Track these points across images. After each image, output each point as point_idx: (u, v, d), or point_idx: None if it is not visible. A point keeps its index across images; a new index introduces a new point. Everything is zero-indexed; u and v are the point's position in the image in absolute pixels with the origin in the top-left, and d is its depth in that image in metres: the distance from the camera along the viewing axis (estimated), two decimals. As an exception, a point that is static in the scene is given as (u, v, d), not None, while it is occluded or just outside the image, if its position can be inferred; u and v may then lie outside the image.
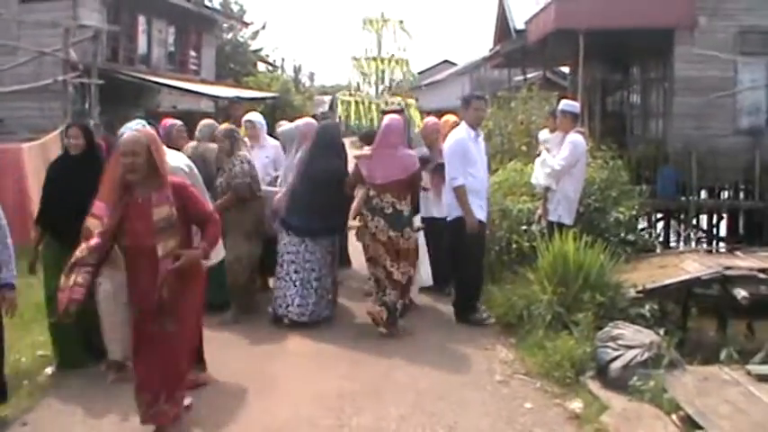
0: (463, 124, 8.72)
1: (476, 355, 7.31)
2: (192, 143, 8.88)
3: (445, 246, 8.79)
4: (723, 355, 6.96)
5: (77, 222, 5.93)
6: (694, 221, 17.68)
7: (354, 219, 8.69)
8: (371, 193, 8.02)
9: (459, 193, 8.30)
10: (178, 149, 7.61)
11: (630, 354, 6.46)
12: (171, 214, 4.94)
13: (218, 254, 6.70)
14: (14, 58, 15.28)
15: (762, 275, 9.30)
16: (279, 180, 9.07)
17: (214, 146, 8.59)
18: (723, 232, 18.90)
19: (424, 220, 9.55)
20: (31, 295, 7.60)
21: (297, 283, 8.12)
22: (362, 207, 8.21)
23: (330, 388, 6.44)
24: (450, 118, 10.01)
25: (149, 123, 6.38)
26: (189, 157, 7.20)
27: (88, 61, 14.98)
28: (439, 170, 9.02)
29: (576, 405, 6.11)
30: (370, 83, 10.67)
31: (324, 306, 8.30)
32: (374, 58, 10.55)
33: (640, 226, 14.87)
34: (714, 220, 18.89)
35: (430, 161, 9.32)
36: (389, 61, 10.58)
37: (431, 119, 10.20)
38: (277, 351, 7.46)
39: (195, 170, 6.73)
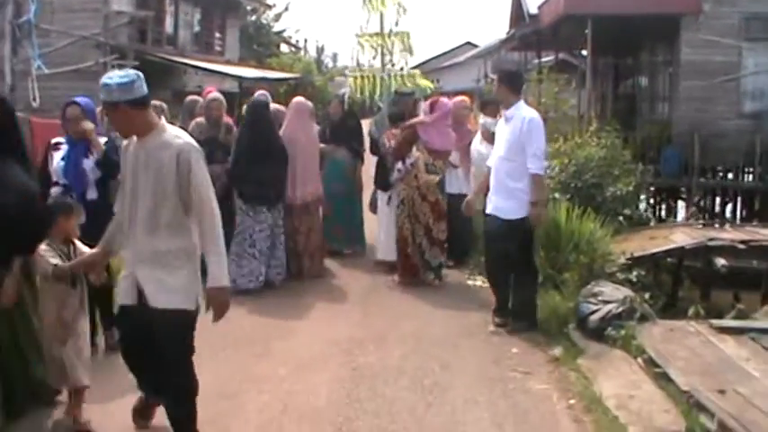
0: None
1: (473, 311, 8.14)
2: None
3: (498, 249, 7.67)
4: (691, 311, 7.80)
5: None
6: (696, 200, 18.41)
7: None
8: (427, 157, 9.09)
9: (540, 180, 7.47)
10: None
11: (607, 308, 7.28)
12: None
13: None
14: (48, 40, 16.16)
15: (741, 246, 10.09)
16: None
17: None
18: (724, 211, 19.62)
19: (450, 195, 9.48)
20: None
21: (254, 253, 8.77)
22: (417, 168, 9.13)
23: (341, 334, 7.34)
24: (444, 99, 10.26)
25: None
26: None
27: (122, 43, 15.86)
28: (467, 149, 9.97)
29: (557, 350, 6.96)
30: (374, 57, 11.27)
31: (275, 271, 9.02)
32: (374, 34, 11.11)
33: (643, 204, 15.71)
34: (717, 201, 19.63)
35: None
36: (388, 36, 11.12)
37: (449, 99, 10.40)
38: (296, 305, 8.34)
39: None
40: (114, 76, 4.37)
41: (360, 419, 5.39)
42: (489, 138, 9.11)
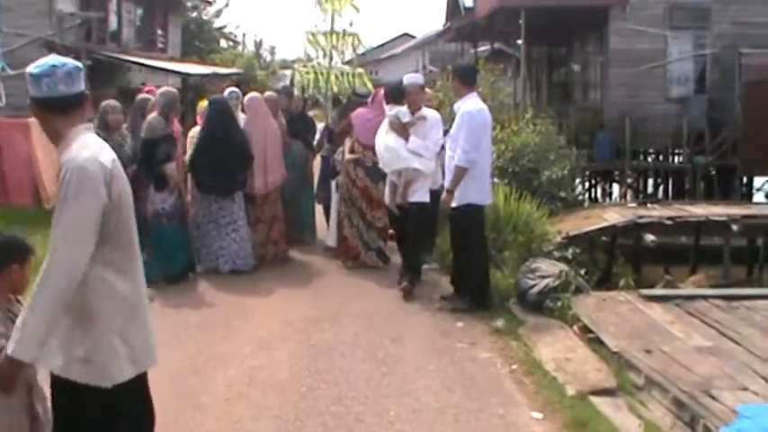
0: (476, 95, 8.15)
1: (420, 290, 8.63)
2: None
3: (452, 233, 8.28)
4: (621, 282, 8.43)
5: None
6: (629, 181, 19.23)
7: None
8: (357, 148, 9.50)
9: (460, 172, 7.68)
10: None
11: (545, 282, 7.84)
12: None
13: None
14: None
15: (668, 222, 10.78)
16: None
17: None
18: (656, 192, 20.50)
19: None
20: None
21: (217, 236, 9.31)
22: (347, 159, 9.62)
23: (297, 315, 7.78)
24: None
25: None
26: None
27: (73, 43, 16.08)
28: None
29: (499, 322, 7.50)
30: (325, 55, 11.72)
31: (246, 254, 9.48)
32: (326, 33, 11.56)
33: (579, 187, 16.44)
34: (650, 182, 20.52)
35: None
36: (341, 35, 11.59)
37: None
38: (254, 289, 8.77)
39: None
40: (34, 65, 3.33)
41: (320, 389, 5.84)
42: (400, 129, 8.53)
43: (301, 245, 10.73)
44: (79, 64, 3.49)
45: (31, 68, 3.29)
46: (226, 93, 10.36)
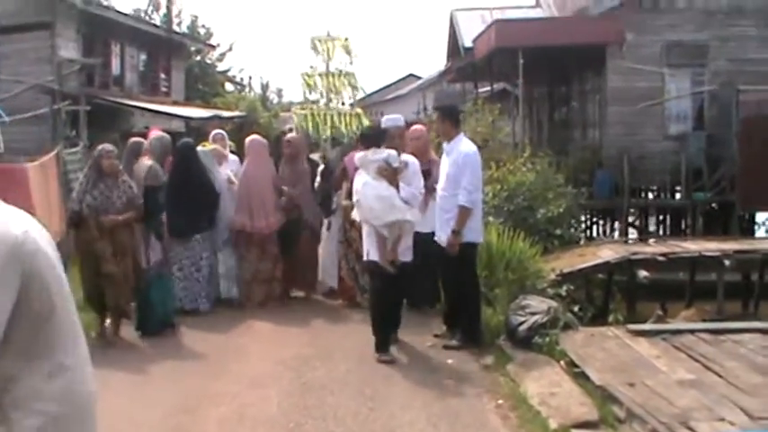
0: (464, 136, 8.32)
1: (412, 328, 8.72)
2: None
3: (445, 271, 8.24)
4: (611, 318, 8.53)
5: None
6: (630, 219, 19.36)
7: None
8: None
9: (466, 212, 7.77)
10: None
11: (534, 318, 7.94)
12: None
13: None
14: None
15: (661, 258, 10.89)
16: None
17: (148, 163, 9.05)
18: (658, 229, 20.62)
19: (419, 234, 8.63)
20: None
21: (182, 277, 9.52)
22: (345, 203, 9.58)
23: (290, 353, 7.91)
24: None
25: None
26: None
27: (73, 89, 16.39)
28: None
29: (489, 359, 7.61)
30: (322, 96, 11.93)
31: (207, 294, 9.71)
32: (321, 74, 11.78)
33: (580, 224, 16.57)
34: (651, 219, 20.65)
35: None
36: (337, 76, 11.80)
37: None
38: (247, 329, 8.91)
39: None
40: None
41: (308, 424, 5.96)
42: (391, 176, 7.74)
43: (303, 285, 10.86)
44: None
45: None
46: (212, 134, 10.60)
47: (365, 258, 8.01)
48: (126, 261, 8.27)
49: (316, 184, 11.03)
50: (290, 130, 12.17)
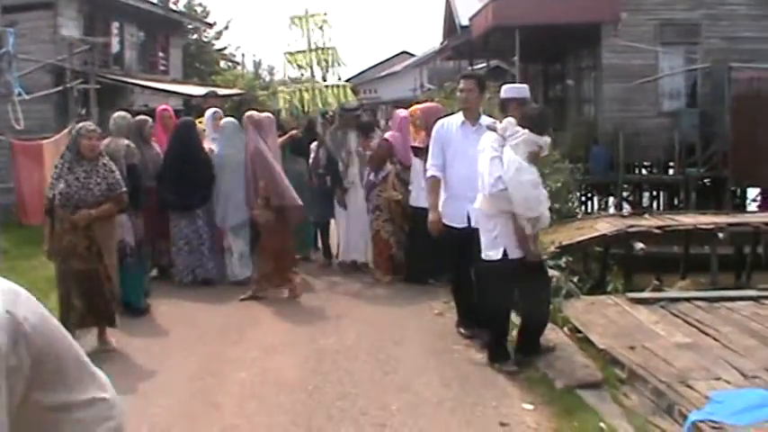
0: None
1: (421, 298, 9.08)
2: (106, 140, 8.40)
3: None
4: (610, 287, 8.87)
5: None
6: (625, 194, 19.72)
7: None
8: (400, 168, 9.85)
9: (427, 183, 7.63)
10: None
11: (537, 287, 8.27)
12: None
13: None
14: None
15: (657, 231, 11.22)
16: None
17: (124, 142, 8.69)
18: (652, 204, 20.97)
19: (415, 208, 9.38)
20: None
21: (189, 250, 9.82)
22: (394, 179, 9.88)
23: (302, 322, 8.24)
24: (401, 112, 10.65)
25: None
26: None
27: (82, 68, 16.64)
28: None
29: (494, 326, 7.92)
30: (311, 72, 11.90)
31: (219, 264, 10.00)
32: (303, 51, 11.69)
33: (575, 200, 16.88)
34: (645, 194, 21.00)
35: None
36: (318, 52, 11.73)
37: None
38: (260, 300, 9.22)
39: None
40: None
41: (326, 387, 6.27)
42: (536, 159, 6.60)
43: (306, 262, 11.13)
44: None
45: None
46: (209, 112, 10.62)
47: (496, 257, 6.51)
48: (105, 258, 7.22)
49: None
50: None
